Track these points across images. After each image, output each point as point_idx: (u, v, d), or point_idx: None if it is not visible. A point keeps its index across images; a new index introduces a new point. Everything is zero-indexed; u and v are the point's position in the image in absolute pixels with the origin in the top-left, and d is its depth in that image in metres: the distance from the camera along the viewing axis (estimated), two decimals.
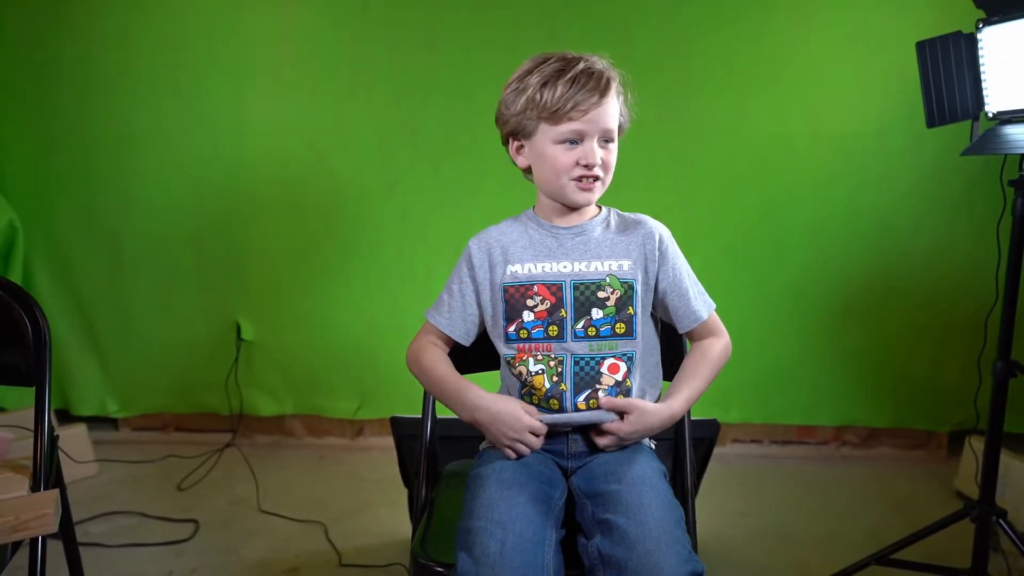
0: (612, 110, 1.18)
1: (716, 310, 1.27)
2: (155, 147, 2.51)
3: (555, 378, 1.20)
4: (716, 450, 2.04)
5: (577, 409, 1.19)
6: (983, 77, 1.55)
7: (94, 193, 2.55)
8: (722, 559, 1.96)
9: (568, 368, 1.20)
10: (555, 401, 1.20)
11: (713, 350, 1.26)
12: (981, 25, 1.54)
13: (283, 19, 2.42)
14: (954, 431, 2.58)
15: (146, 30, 2.43)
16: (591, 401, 1.19)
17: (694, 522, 1.27)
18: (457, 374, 1.26)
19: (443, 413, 1.44)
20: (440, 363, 1.28)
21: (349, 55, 2.42)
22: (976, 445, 2.15)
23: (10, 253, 2.48)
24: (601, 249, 1.23)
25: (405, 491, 1.99)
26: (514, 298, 1.23)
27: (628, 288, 1.21)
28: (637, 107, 1.24)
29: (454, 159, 2.45)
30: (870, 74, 2.32)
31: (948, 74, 1.58)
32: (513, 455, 1.18)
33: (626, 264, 1.22)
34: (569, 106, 1.14)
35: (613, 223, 1.27)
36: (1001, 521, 1.65)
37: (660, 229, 1.25)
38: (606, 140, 1.19)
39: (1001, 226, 1.83)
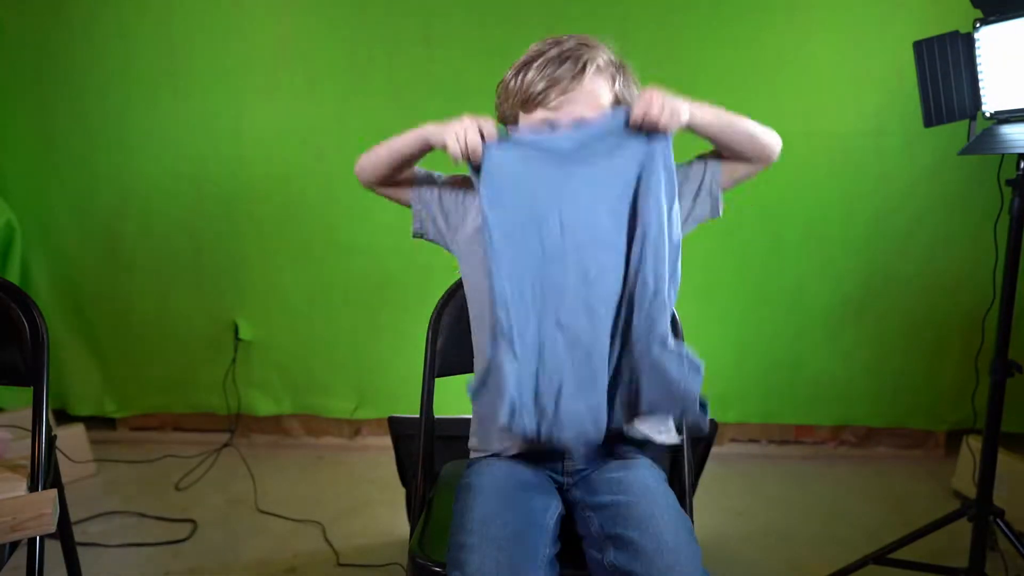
0: (589, 96, 1.08)
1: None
2: (153, 147, 2.51)
3: None
4: (714, 449, 2.05)
5: None
6: (980, 77, 1.55)
7: (92, 193, 2.55)
8: (720, 558, 1.96)
9: None
10: None
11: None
12: (978, 25, 1.54)
13: (281, 20, 2.42)
14: (952, 430, 2.58)
15: (145, 31, 2.42)
16: None
17: (692, 522, 1.27)
18: None
19: (441, 413, 1.44)
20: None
21: (347, 55, 2.41)
22: (974, 444, 2.15)
23: (8, 253, 2.48)
24: None
25: (403, 491, 1.99)
26: None
27: None
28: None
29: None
30: (868, 73, 2.32)
31: (945, 74, 1.59)
32: (458, 148, 1.08)
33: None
34: (538, 91, 1.06)
35: None
36: (998, 520, 1.65)
37: None
38: None
39: (998, 225, 1.83)
